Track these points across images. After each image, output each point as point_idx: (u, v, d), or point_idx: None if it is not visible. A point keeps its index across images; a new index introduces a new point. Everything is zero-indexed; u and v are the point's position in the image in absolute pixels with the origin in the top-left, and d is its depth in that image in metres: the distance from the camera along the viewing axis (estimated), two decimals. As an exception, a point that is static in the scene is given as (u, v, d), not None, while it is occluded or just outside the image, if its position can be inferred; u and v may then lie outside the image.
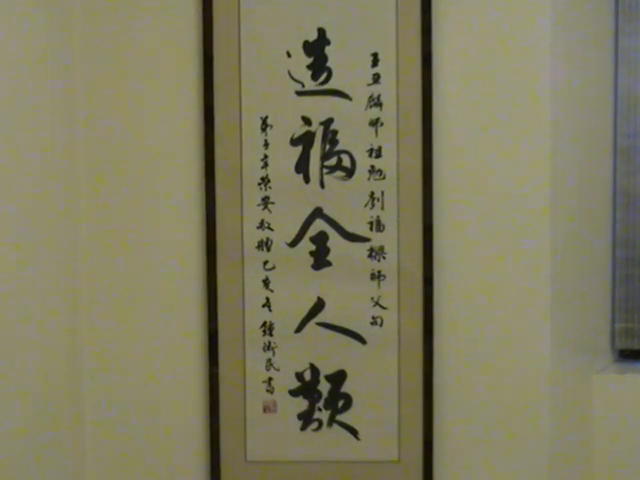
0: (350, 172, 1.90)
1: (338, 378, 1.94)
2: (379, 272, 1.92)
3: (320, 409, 1.95)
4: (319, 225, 1.92)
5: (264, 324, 1.93)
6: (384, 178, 1.90)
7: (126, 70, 1.91)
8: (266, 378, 1.94)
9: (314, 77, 1.89)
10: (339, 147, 1.90)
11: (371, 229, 1.91)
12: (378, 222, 1.91)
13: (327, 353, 1.94)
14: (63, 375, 1.88)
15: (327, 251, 1.92)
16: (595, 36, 2.10)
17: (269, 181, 1.91)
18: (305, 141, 1.90)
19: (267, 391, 1.94)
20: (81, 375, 1.94)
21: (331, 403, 1.94)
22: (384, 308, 1.92)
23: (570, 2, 1.97)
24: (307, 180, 1.91)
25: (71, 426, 1.92)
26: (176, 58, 1.91)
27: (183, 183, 1.93)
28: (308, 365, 1.94)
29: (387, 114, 1.88)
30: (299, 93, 1.90)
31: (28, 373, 1.72)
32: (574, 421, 2.01)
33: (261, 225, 1.92)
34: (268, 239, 1.92)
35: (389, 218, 1.91)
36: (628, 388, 2.07)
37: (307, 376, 1.94)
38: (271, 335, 1.93)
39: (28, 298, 1.72)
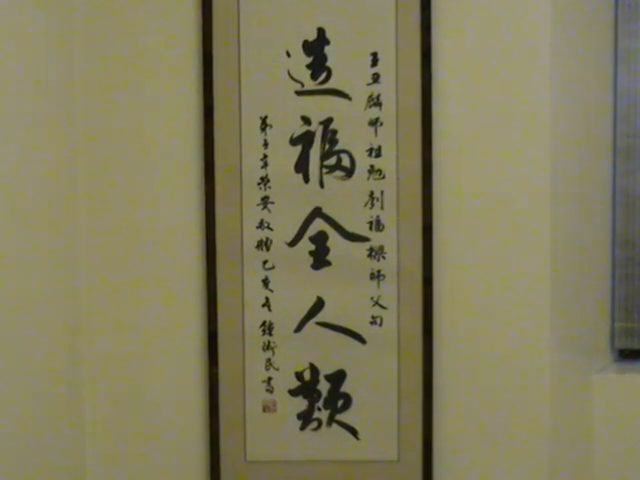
0: (350, 172, 1.90)
1: (338, 378, 1.94)
2: (379, 272, 1.92)
3: (320, 409, 1.94)
4: (319, 225, 1.92)
5: (264, 324, 1.93)
6: (384, 178, 1.90)
7: (126, 70, 1.91)
8: (266, 378, 1.94)
9: (313, 77, 1.89)
10: (338, 147, 1.90)
11: (371, 229, 1.91)
12: (378, 222, 1.91)
13: (327, 353, 1.94)
14: (63, 375, 1.88)
15: (327, 251, 1.92)
16: (595, 36, 2.10)
17: (269, 181, 1.91)
18: (305, 141, 1.90)
19: (267, 391, 1.94)
20: (81, 375, 1.94)
21: (331, 403, 1.94)
22: (384, 308, 1.92)
23: (570, 1, 1.97)
24: (307, 180, 1.91)
25: (71, 426, 1.92)
26: (176, 58, 1.91)
27: (183, 183, 1.93)
28: (308, 365, 1.94)
29: (387, 114, 1.88)
30: (299, 93, 1.90)
31: (28, 373, 1.72)
32: (574, 421, 2.01)
33: (261, 225, 1.91)
34: (268, 239, 1.92)
35: (389, 218, 1.91)
36: (628, 388, 2.06)
37: (307, 376, 1.94)
38: (271, 335, 1.93)
39: (28, 299, 1.72)
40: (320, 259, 1.92)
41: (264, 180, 1.91)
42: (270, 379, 1.94)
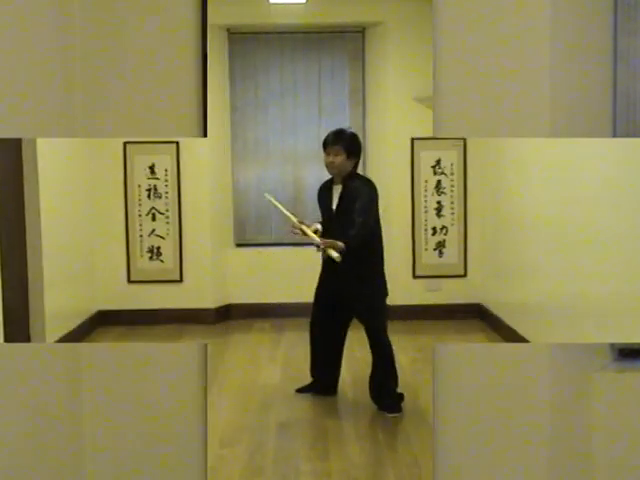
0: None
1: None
2: (379, 272, 1.92)
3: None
4: (319, 225, 1.92)
5: (264, 324, 1.93)
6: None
7: (126, 70, 1.91)
8: (266, 378, 1.94)
9: (314, 77, 1.89)
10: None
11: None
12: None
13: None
14: (63, 376, 1.88)
15: (327, 251, 1.92)
16: (594, 35, 2.10)
17: (269, 180, 1.91)
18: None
19: (267, 391, 1.94)
20: (80, 376, 1.94)
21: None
22: (384, 308, 1.92)
23: (569, 1, 1.97)
24: (307, 179, 1.91)
25: (70, 428, 1.91)
26: (176, 58, 1.90)
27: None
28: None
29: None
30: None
31: (28, 371, 1.72)
32: (574, 420, 2.01)
33: (261, 225, 1.92)
34: (268, 238, 1.92)
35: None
36: (627, 386, 2.07)
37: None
38: (271, 335, 1.93)
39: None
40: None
41: (264, 180, 1.91)
42: (271, 379, 1.94)
